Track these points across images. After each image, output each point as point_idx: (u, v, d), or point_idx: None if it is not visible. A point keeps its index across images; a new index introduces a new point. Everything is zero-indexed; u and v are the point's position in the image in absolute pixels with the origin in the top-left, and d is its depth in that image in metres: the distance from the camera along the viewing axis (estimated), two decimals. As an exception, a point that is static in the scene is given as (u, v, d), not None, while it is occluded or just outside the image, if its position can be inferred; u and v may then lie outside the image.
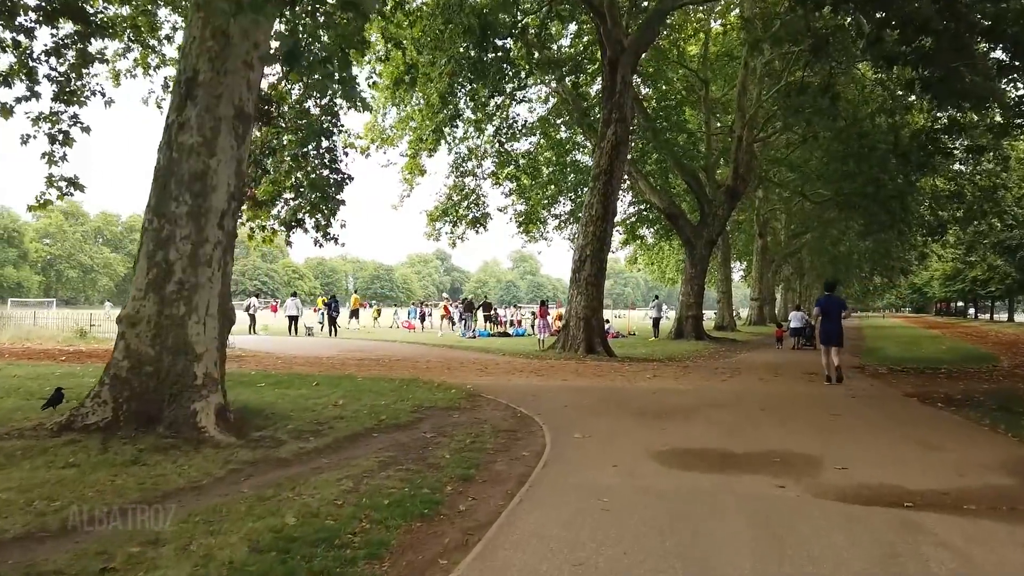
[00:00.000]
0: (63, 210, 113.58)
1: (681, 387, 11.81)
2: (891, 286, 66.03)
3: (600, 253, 18.73)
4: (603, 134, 19.13)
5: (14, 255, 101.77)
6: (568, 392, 10.83)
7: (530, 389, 11.02)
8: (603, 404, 9.64)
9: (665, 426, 8.07)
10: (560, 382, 12.09)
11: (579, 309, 18.48)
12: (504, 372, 13.41)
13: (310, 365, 14.22)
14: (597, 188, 18.82)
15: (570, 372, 13.64)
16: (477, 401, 9.69)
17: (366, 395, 9.61)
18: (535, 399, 9.93)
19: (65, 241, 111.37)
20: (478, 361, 15.86)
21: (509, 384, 11.70)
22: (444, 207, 31.44)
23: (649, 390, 11.29)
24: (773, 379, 13.56)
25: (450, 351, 19.03)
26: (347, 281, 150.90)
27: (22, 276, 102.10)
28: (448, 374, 12.85)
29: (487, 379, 12.31)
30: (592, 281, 18.57)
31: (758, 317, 47.65)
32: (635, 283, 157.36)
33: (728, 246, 42.65)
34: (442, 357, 17.04)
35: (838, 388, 12.13)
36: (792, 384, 12.74)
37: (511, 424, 8.07)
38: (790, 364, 18.09)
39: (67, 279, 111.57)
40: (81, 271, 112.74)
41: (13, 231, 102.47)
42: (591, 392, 10.85)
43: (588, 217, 18.90)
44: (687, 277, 28.87)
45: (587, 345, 18.18)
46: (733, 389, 11.68)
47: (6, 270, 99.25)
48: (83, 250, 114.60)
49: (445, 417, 8.34)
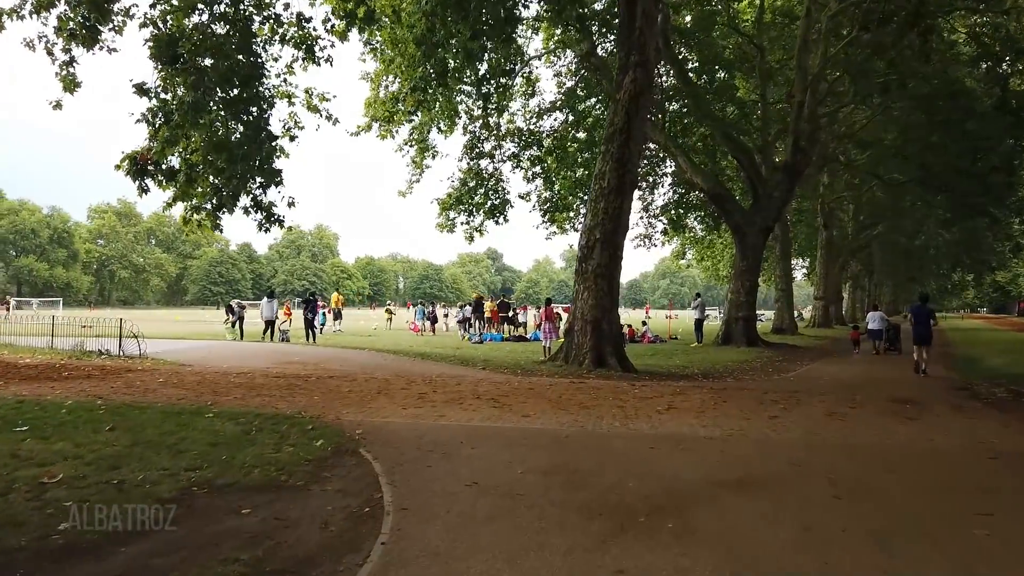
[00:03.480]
0: (117, 211, 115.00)
1: (701, 432, 7.49)
2: (976, 283, 59.09)
3: (614, 236, 14.39)
4: (619, 83, 14.79)
5: (63, 255, 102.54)
6: (506, 445, 6.65)
7: (453, 437, 6.91)
8: (539, 482, 5.42)
9: (626, 562, 3.87)
10: (514, 422, 7.87)
11: (585, 309, 14.18)
12: (451, 400, 9.30)
13: (198, 385, 10.40)
14: (611, 152, 14.49)
15: (547, 401, 9.41)
16: (336, 464, 5.68)
17: (161, 452, 5.74)
18: (437, 463, 5.85)
19: (118, 242, 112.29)
20: (437, 380, 11.77)
21: (431, 424, 7.60)
22: (458, 194, 27.63)
23: (645, 441, 7.03)
24: (850, 412, 9.10)
25: (417, 364, 14.91)
26: (397, 281, 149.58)
27: (72, 276, 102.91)
28: (362, 403, 8.84)
29: (409, 413, 8.24)
30: (603, 273, 14.24)
31: (823, 318, 42.17)
32: (692, 282, 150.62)
33: (788, 239, 37.42)
34: (397, 372, 13.01)
35: (962, 439, 7.60)
36: (882, 422, 8.29)
37: (325, 538, 4.03)
38: (872, 381, 13.49)
39: (119, 280, 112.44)
40: (133, 271, 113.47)
41: (63, 232, 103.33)
42: (543, 447, 6.62)
43: (599, 190, 14.59)
44: (737, 271, 24.12)
45: (595, 356, 13.87)
46: (786, 439, 7.31)
47: (56, 270, 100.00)
48: (135, 250, 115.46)
49: (220, 518, 4.35)
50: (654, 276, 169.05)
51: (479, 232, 27.63)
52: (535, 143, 28.83)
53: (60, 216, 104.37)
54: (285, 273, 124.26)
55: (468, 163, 27.59)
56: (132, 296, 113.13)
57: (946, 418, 8.92)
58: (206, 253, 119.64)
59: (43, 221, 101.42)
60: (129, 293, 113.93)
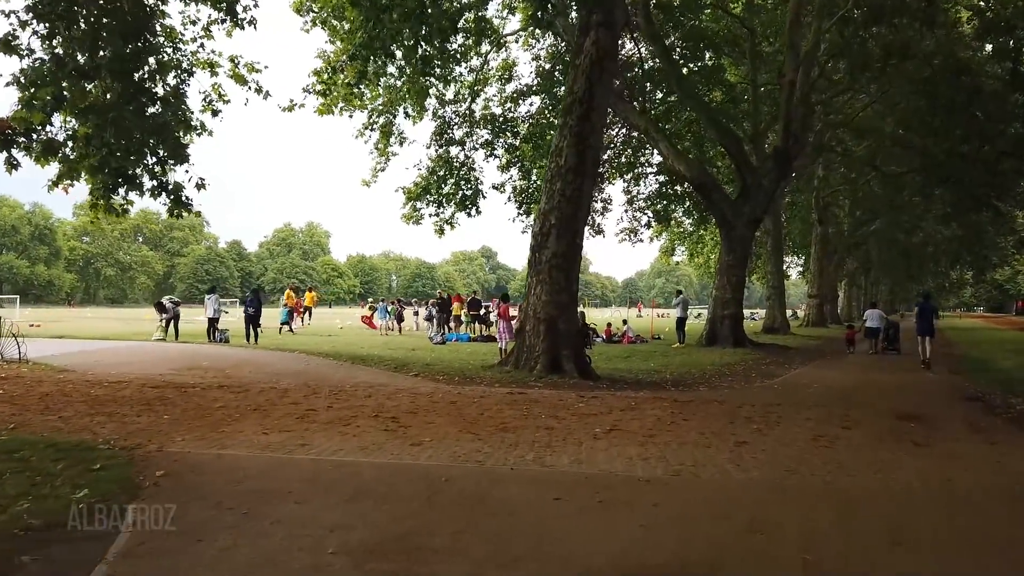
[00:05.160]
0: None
1: (639, 469, 5.52)
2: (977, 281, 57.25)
3: (572, 223, 12.45)
4: (579, 46, 12.83)
5: (45, 253, 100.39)
6: (350, 497, 4.66)
7: (287, 483, 4.96)
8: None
9: None
10: (392, 455, 5.87)
11: (539, 306, 12.22)
12: (337, 421, 7.32)
13: (41, 398, 8.45)
14: (569, 125, 12.53)
15: (460, 421, 7.44)
16: (64, 538, 3.76)
17: None
18: (219, 534, 3.91)
19: (103, 239, 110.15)
20: (347, 392, 9.76)
21: (277, 459, 5.63)
22: (425, 183, 25.71)
23: (553, 487, 5.04)
24: (841, 435, 7.18)
25: (344, 369, 12.86)
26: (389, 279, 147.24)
27: (53, 274, 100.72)
28: (217, 426, 6.87)
29: (265, 441, 6.26)
30: (559, 264, 12.29)
31: (818, 317, 40.24)
32: (688, 280, 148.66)
33: (780, 233, 35.45)
34: (309, 381, 11.02)
35: (988, 475, 5.67)
36: (882, 450, 6.38)
37: None
38: (869, 389, 11.61)
39: (105, 277, 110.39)
40: (119, 269, 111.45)
41: (45, 229, 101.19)
42: (400, 500, 4.60)
43: (555, 169, 12.64)
44: (723, 266, 22.14)
45: (549, 360, 11.91)
46: (752, 480, 5.37)
47: (37, 268, 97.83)
48: (121, 248, 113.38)
49: None
50: (650, 275, 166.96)
51: (450, 225, 25.73)
52: (510, 129, 26.98)
53: (42, 212, 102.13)
54: (275, 271, 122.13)
55: (437, 150, 25.74)
56: (119, 294, 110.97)
57: (963, 443, 7.03)
58: (194, 251, 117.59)
59: (24, 217, 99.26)
60: (116, 291, 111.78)
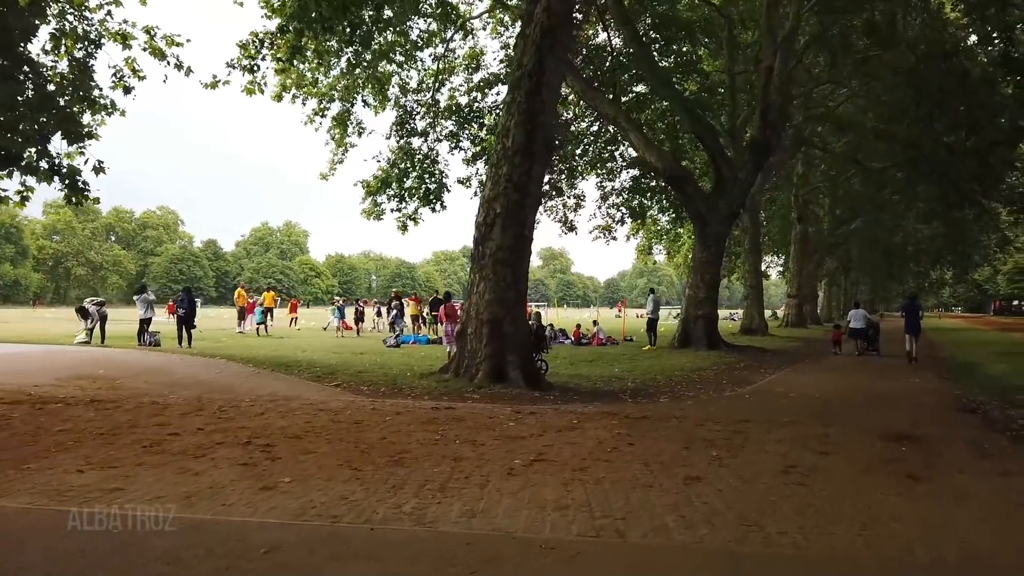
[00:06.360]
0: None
1: (546, 530, 4.08)
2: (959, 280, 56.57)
3: (519, 212, 11.00)
4: (528, 14, 11.44)
5: (12, 252, 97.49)
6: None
7: (35, 548, 3.53)
8: None
9: None
10: (222, 505, 4.45)
11: (482, 306, 10.76)
12: (191, 450, 5.77)
13: None
14: (518, 102, 11.10)
15: (353, 448, 5.94)
16: None
17: None
18: None
19: (74, 238, 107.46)
20: (238, 408, 8.26)
21: (51, 515, 4.18)
22: (386, 176, 24.35)
23: (407, 567, 3.69)
24: (819, 465, 5.80)
25: (260, 377, 11.35)
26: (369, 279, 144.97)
27: (20, 274, 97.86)
28: (23, 461, 5.42)
29: (62, 484, 4.81)
30: (504, 259, 10.85)
31: (797, 318, 39.15)
32: (669, 280, 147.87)
33: (758, 230, 34.26)
34: (205, 392, 9.51)
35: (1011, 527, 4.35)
36: (870, 489, 5.01)
37: None
38: (854, 399, 10.29)
39: (75, 277, 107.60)
40: (90, 269, 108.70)
41: (12, 227, 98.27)
42: None
43: (501, 151, 11.20)
44: (696, 263, 20.84)
45: (492, 367, 10.46)
46: (694, 547, 3.99)
47: (3, 267, 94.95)
48: (92, 247, 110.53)
49: None
50: (632, 275, 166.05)
51: (413, 220, 24.40)
52: (476, 120, 25.59)
53: (8, 211, 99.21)
54: (251, 270, 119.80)
55: (398, 141, 24.35)
56: (90, 294, 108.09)
57: (970, 475, 5.67)
58: (168, 250, 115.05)
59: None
60: (86, 291, 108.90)
